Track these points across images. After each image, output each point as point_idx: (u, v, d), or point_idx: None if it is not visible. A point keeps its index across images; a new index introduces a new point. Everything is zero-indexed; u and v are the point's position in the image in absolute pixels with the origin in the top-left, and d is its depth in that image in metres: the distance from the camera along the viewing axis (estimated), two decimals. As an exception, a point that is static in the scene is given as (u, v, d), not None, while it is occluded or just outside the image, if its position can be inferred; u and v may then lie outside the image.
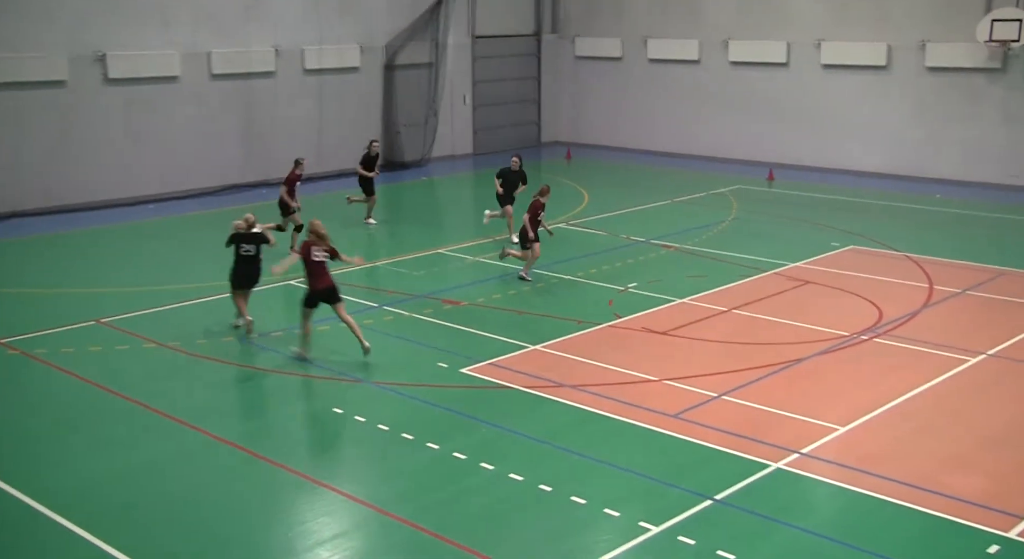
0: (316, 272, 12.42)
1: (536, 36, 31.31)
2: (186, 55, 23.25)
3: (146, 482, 9.55)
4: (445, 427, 10.67)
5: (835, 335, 13.45)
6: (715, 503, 8.96)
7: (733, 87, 28.03)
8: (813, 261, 17.30)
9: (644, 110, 30.00)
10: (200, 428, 10.74)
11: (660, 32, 29.31)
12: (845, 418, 10.76)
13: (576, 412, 11.04)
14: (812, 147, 26.74)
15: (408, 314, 14.53)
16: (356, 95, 26.73)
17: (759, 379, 11.93)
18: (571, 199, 23.13)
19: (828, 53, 26.10)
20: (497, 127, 30.55)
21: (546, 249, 18.38)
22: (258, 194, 23.86)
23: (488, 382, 11.92)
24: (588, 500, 9.04)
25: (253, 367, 12.48)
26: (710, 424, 10.63)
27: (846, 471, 9.58)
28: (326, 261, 12.50)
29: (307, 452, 10.25)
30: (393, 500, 9.12)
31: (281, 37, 24.92)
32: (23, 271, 17.07)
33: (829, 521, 8.77)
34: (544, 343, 13.18)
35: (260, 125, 24.89)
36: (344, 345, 13.28)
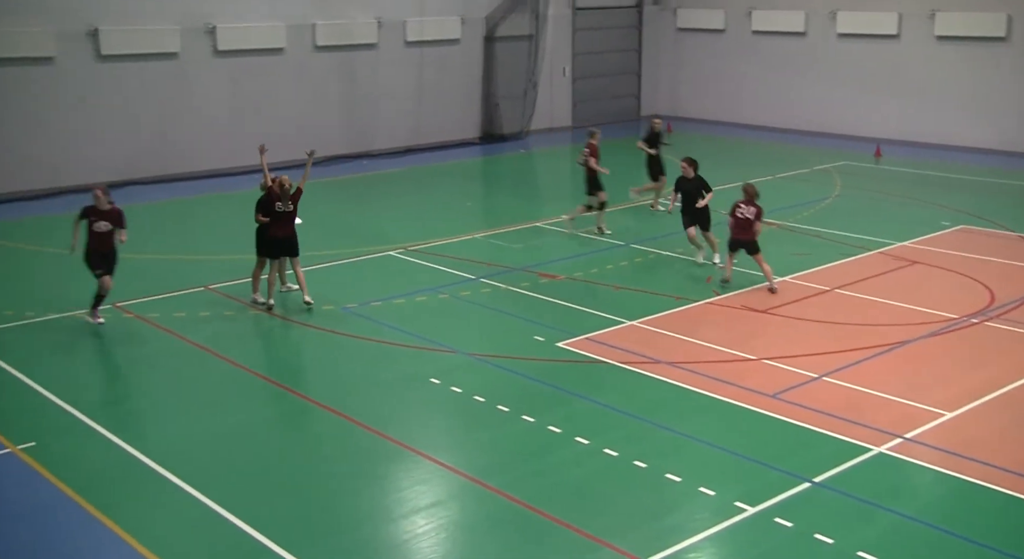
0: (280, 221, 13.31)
1: (637, 8, 30.90)
2: (291, 27, 23.65)
3: (248, 443, 9.87)
4: (540, 400, 10.73)
5: (943, 317, 13.05)
6: (813, 485, 8.83)
7: (840, 59, 27.23)
8: (921, 240, 16.78)
9: (746, 83, 29.38)
10: (299, 393, 11.03)
11: (765, 3, 28.61)
12: (951, 403, 10.46)
13: (672, 389, 10.97)
14: (922, 122, 25.82)
15: (505, 287, 14.61)
16: (456, 67, 26.84)
17: (861, 361, 11.67)
18: (670, 173, 22.80)
19: (942, 24, 25.11)
20: (596, 99, 30.32)
21: (644, 225, 18.26)
22: (359, 165, 24.22)
23: (584, 356, 11.93)
24: (683, 478, 9.00)
25: (352, 335, 12.72)
26: (809, 405, 10.45)
27: (951, 457, 9.32)
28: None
29: (404, 420, 10.43)
30: (488, 471, 9.22)
31: (384, 9, 25.14)
32: (136, 238, 17.66)
33: (932, 507, 8.55)
34: (641, 319, 13.11)
35: (361, 97, 25.21)
36: (443, 316, 13.45)
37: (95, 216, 12.72)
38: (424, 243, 16.88)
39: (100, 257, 12.78)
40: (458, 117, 27.14)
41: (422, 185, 22.23)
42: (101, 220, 12.70)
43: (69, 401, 10.72)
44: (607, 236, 16.55)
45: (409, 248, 16.60)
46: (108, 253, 12.84)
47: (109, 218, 12.76)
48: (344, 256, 16.19)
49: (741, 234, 14.18)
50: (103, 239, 12.75)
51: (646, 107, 31.69)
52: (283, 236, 13.42)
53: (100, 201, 12.71)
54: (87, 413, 10.38)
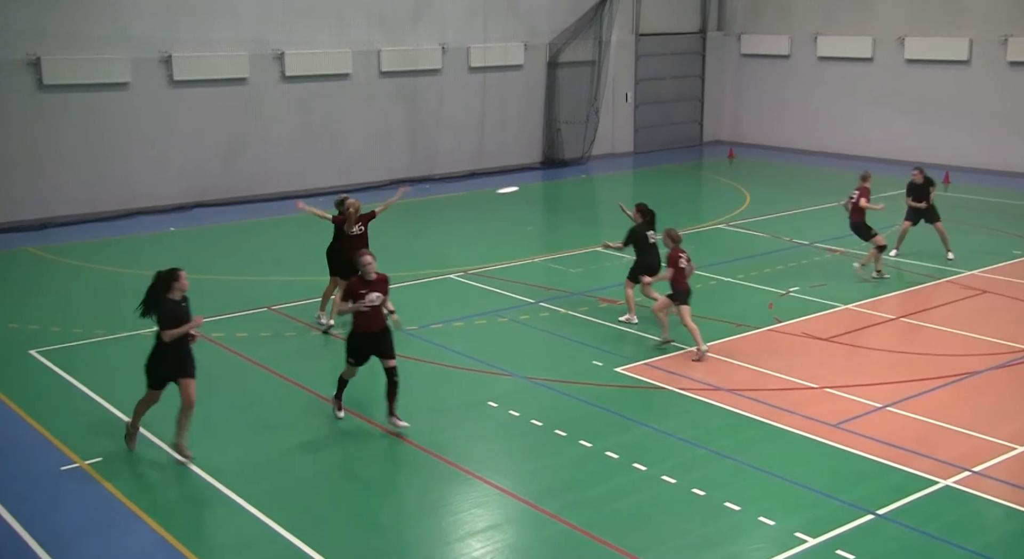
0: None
1: (701, 34, 30.84)
2: (357, 53, 24.05)
3: (307, 462, 9.97)
4: (598, 425, 10.67)
5: (1013, 348, 12.72)
6: (877, 518, 8.64)
7: (907, 86, 26.84)
8: (991, 269, 16.40)
9: (811, 109, 29.09)
10: (358, 414, 11.11)
11: (830, 29, 28.35)
12: (1022, 436, 10.17)
13: (732, 416, 10.84)
14: (991, 149, 25.30)
15: (564, 311, 14.60)
16: (519, 92, 27.02)
17: (928, 391, 11.42)
18: (733, 199, 22.70)
19: (1015, 50, 24.64)
20: (658, 125, 30.27)
21: (705, 251, 18.12)
22: (421, 189, 24.44)
23: (642, 382, 11.85)
24: (742, 507, 8.87)
25: (413, 358, 12.80)
26: (873, 435, 10.25)
27: (1021, 492, 9.05)
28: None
29: (462, 443, 10.45)
30: (545, 495, 9.19)
31: (448, 35, 25.44)
32: (203, 259, 18.06)
33: (1001, 544, 8.31)
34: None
35: (425, 121, 25.50)
36: (503, 340, 13.47)
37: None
38: (484, 267, 16.96)
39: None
40: (520, 142, 27.28)
41: (483, 209, 22.36)
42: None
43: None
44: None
45: (469, 272, 16.69)
46: None
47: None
48: (405, 279, 16.32)
49: (685, 284, 12.87)
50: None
51: (708, 133, 31.55)
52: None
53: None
54: (151, 430, 10.57)
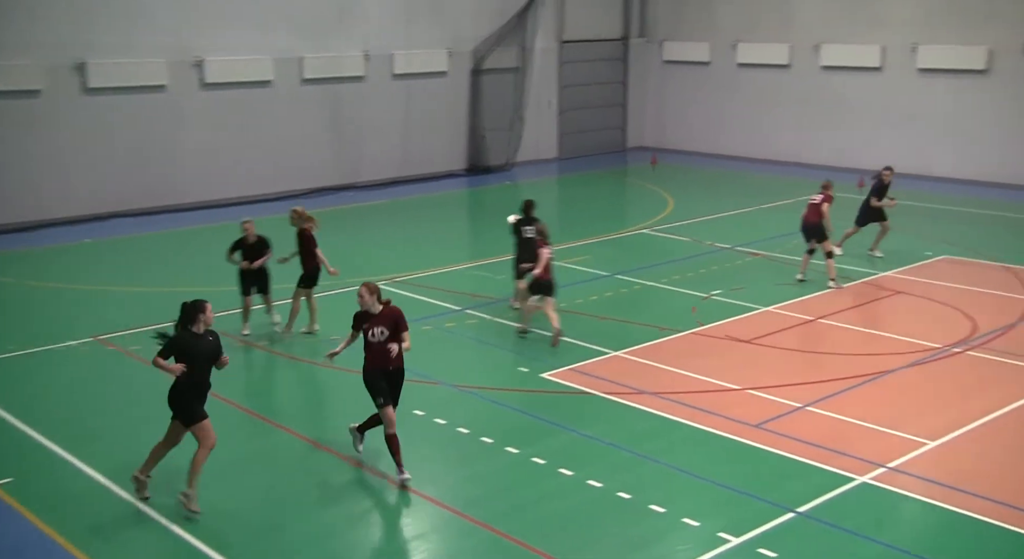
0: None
1: (624, 40, 31.18)
2: (279, 60, 23.78)
3: (231, 479, 9.79)
4: (525, 432, 10.70)
5: (926, 347, 13.10)
6: (798, 516, 8.81)
7: (824, 92, 27.48)
8: (905, 270, 16.87)
9: (732, 115, 29.62)
10: (284, 426, 10.96)
11: (750, 37, 28.91)
12: (935, 433, 10.47)
13: (657, 419, 10.96)
14: (906, 153, 25.99)
15: (490, 318, 14.61)
16: (443, 99, 26.99)
17: (845, 390, 11.69)
18: (655, 204, 22.98)
19: (924, 57, 25.42)
20: (582, 131, 30.51)
21: (629, 255, 18.31)
22: (346, 196, 24.27)
23: (569, 387, 11.92)
24: (667, 508, 8.97)
25: (337, 368, 12.65)
26: (793, 435, 10.45)
27: (935, 487, 9.32)
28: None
29: (387, 453, 10.35)
30: (472, 503, 9.18)
31: (371, 42, 25.31)
32: (121, 270, 17.65)
33: (916, 538, 8.54)
34: (626, 349, 13.12)
35: (348, 129, 25.32)
36: (428, 348, 13.42)
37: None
38: (409, 274, 16.90)
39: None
40: (445, 149, 27.26)
41: (408, 217, 22.27)
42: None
43: (47, 435, 10.65)
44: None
45: (395, 279, 16.61)
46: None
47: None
48: (329, 288, 16.15)
49: (547, 275, 13.35)
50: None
51: (632, 139, 31.90)
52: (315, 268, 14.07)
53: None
54: (66, 447, 10.30)
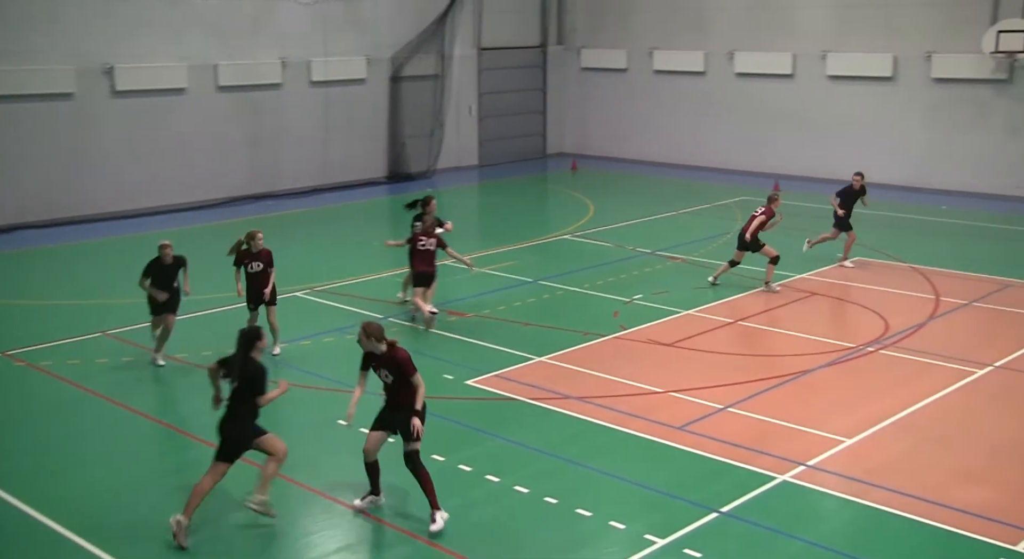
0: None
1: (542, 48, 31.37)
2: (193, 67, 23.34)
3: (151, 495, 9.55)
4: (450, 439, 10.65)
5: (841, 347, 13.42)
6: (721, 515, 8.93)
7: (739, 98, 28.04)
8: (819, 272, 17.26)
9: (649, 121, 30.02)
10: (205, 440, 10.71)
11: (666, 44, 29.35)
12: (852, 430, 10.72)
13: (582, 424, 11.01)
14: (818, 158, 26.70)
15: (413, 326, 14.52)
16: (362, 107, 26.81)
17: (765, 391, 11.90)
18: (577, 210, 23.14)
19: (834, 64, 26.11)
20: (502, 138, 30.60)
21: (551, 261, 18.40)
22: (265, 205, 23.92)
23: (493, 394, 11.90)
24: (594, 512, 9.01)
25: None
26: (716, 436, 10.60)
27: (853, 483, 9.53)
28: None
29: (312, 464, 10.23)
30: (398, 513, 9.10)
31: (288, 49, 25.02)
32: (28, 283, 17.11)
33: (836, 533, 8.72)
34: (550, 355, 13.16)
35: (266, 137, 24.97)
36: (351, 357, 13.27)
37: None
38: (331, 283, 16.71)
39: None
40: (365, 157, 27.07)
41: (328, 225, 22.05)
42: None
43: (-44, 455, 10.25)
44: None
45: (316, 289, 16.41)
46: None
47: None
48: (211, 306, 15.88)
49: (424, 266, 14.13)
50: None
51: (552, 145, 32.10)
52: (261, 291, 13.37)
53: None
54: (-24, 467, 9.93)
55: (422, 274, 14.24)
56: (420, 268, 14.22)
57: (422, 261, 14.17)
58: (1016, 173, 23.80)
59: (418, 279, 14.30)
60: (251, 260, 13.31)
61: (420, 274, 14.25)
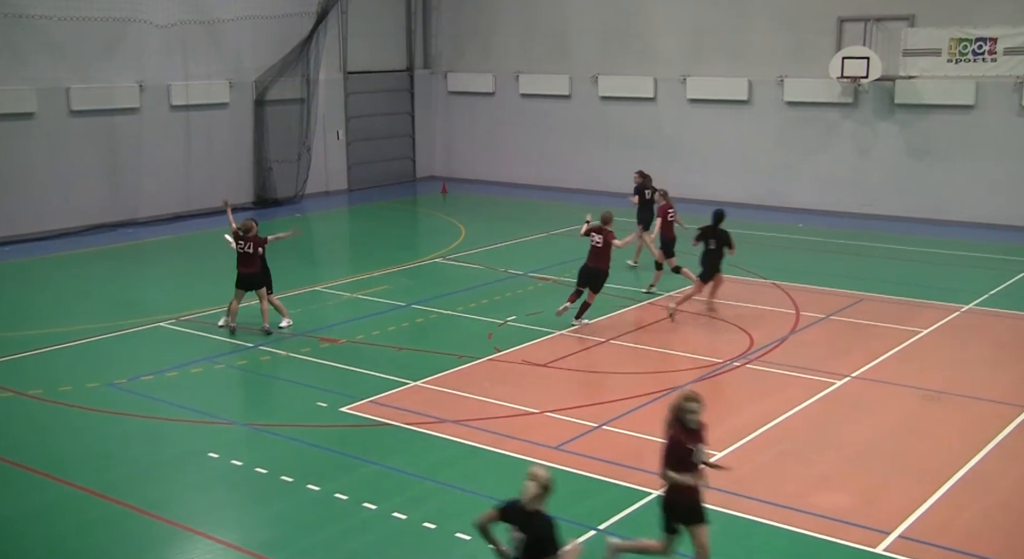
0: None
1: (408, 71, 31.39)
2: (42, 91, 22.38)
3: (4, 539, 9.03)
4: (326, 468, 10.47)
5: (709, 362, 13.81)
6: (599, 532, 9.03)
7: (603, 121, 28.66)
8: (686, 290, 17.71)
9: (518, 144, 30.36)
10: (63, 480, 10.23)
11: (531, 68, 29.78)
12: (721, 443, 10.99)
13: (458, 447, 10.99)
14: (680, 178, 27.36)
15: (285, 353, 14.24)
16: (226, 131, 26.24)
17: (638, 408, 12.13)
18: (448, 233, 23.18)
19: (693, 88, 27.00)
20: (371, 162, 30.41)
21: (424, 284, 18.36)
22: (125, 233, 23.11)
23: (369, 420, 11.77)
24: (472, 536, 8.96)
25: (121, 413, 12.00)
26: (591, 454, 10.74)
27: (721, 495, 9.76)
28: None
29: (180, 499, 9.89)
30: (272, 545, 8.88)
31: (145, 73, 24.27)
32: None
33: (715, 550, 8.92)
34: (425, 379, 13.11)
35: (125, 163, 24.13)
36: (221, 387, 12.93)
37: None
38: (197, 312, 16.24)
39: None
40: (230, 182, 26.42)
41: (193, 252, 21.45)
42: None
43: None
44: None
45: (181, 318, 15.92)
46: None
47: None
48: (110, 329, 15.30)
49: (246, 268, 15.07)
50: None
51: (422, 169, 32.07)
52: (245, 273, 15.00)
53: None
54: None
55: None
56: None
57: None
58: (863, 192, 25.06)
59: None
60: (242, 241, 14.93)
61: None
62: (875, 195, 24.85)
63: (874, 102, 24.61)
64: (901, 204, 24.13)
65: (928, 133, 24.10)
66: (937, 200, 24.10)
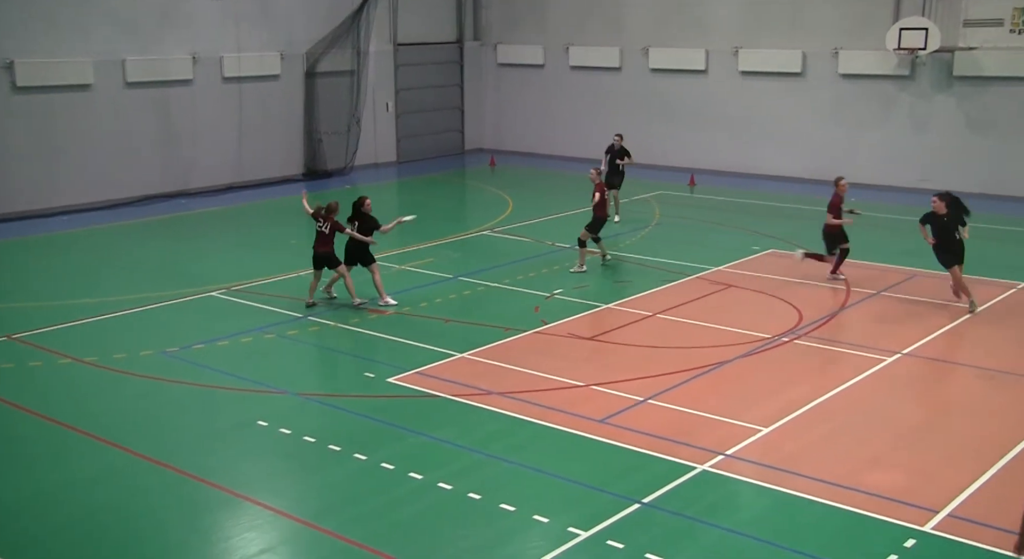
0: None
1: (458, 43, 31.32)
2: (99, 63, 22.71)
3: (66, 502, 9.29)
4: (373, 437, 10.59)
5: (757, 338, 13.70)
6: (643, 506, 9.04)
7: (654, 94, 28.40)
8: (735, 265, 17.59)
9: (567, 117, 30.21)
10: (120, 445, 10.48)
11: (581, 40, 29.56)
12: (768, 419, 10.96)
13: (504, 419, 11.05)
14: (731, 152, 27.21)
15: (334, 324, 14.39)
16: (277, 103, 26.43)
17: (684, 382, 12.09)
18: (496, 206, 23.18)
19: (745, 60, 26.62)
20: (420, 135, 30.47)
21: (471, 257, 18.41)
22: (178, 204, 23.44)
23: (415, 391, 11.86)
24: (517, 507, 9.05)
25: (174, 380, 12.22)
26: (637, 428, 10.73)
27: (769, 471, 9.75)
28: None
29: (231, 466, 10.07)
30: (321, 513, 9.01)
31: (199, 44, 24.51)
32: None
33: (754, 521, 8.91)
34: (471, 351, 13.17)
35: (178, 134, 24.44)
36: (270, 357, 13.11)
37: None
38: (248, 282, 16.46)
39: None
40: (280, 153, 26.69)
41: (244, 223, 21.70)
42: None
43: None
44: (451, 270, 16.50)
45: (233, 288, 16.14)
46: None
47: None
48: (163, 299, 15.57)
49: (320, 247, 15.06)
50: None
51: (470, 141, 32.07)
52: (319, 252, 15.01)
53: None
54: None
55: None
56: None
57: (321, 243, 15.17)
58: (919, 166, 24.58)
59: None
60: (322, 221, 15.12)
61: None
62: (931, 170, 24.36)
63: (932, 75, 24.08)
64: (958, 179, 23.57)
65: (988, 106, 23.55)
66: (996, 175, 23.58)
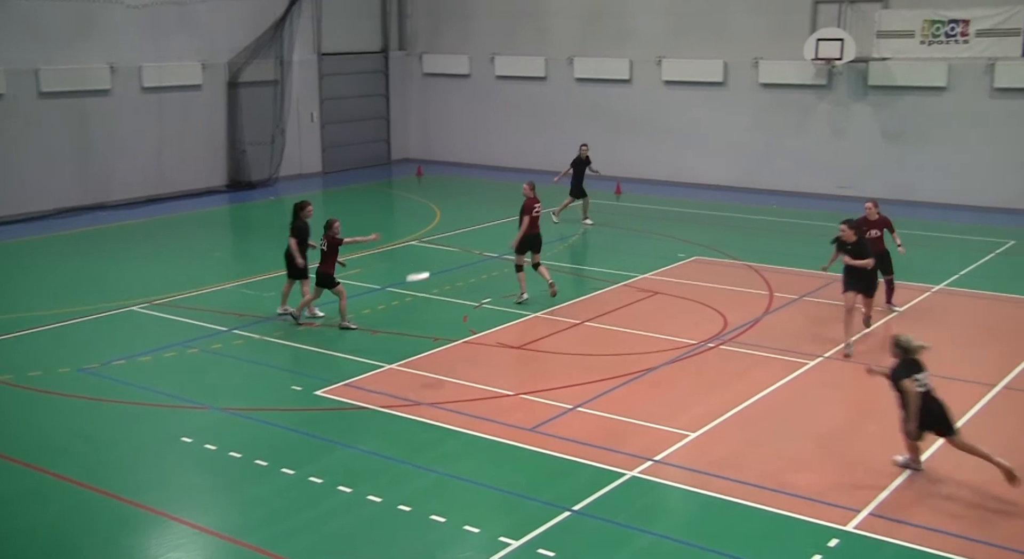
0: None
1: (384, 53, 31.19)
2: (11, 72, 22.08)
3: (-22, 526, 8.99)
4: (300, 451, 10.45)
5: (683, 344, 13.87)
6: (573, 514, 9.08)
7: (579, 103, 28.62)
8: (660, 272, 17.79)
9: (493, 126, 30.27)
10: (37, 466, 10.17)
11: (507, 49, 29.67)
12: (695, 424, 11.10)
13: (433, 430, 11.00)
14: (655, 161, 27.55)
15: (259, 337, 14.19)
16: (199, 113, 26.00)
17: (612, 389, 12.18)
18: (423, 216, 23.12)
19: (668, 70, 27.00)
20: (346, 145, 30.24)
21: (399, 267, 18.31)
22: (97, 217, 22.90)
23: (344, 403, 11.75)
24: (448, 518, 9.01)
25: (92, 398, 11.92)
26: (566, 436, 10.77)
27: (697, 475, 9.87)
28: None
29: (155, 484, 9.85)
30: (248, 529, 8.86)
31: (117, 54, 23.99)
32: None
33: (682, 525, 9.01)
34: (400, 361, 13.10)
35: (97, 146, 23.88)
36: (194, 372, 12.87)
37: None
38: (170, 296, 16.14)
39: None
40: (204, 165, 26.25)
41: (166, 236, 21.28)
42: None
43: None
44: (365, 281, 16.41)
45: (154, 302, 15.81)
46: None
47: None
48: (82, 314, 15.18)
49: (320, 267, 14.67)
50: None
51: (396, 151, 31.94)
52: (319, 272, 14.57)
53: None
54: None
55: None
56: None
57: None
58: (837, 173, 25.18)
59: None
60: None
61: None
62: (849, 176, 24.98)
63: (848, 84, 24.70)
64: (874, 185, 24.21)
65: (901, 114, 24.24)
66: (909, 181, 24.26)
